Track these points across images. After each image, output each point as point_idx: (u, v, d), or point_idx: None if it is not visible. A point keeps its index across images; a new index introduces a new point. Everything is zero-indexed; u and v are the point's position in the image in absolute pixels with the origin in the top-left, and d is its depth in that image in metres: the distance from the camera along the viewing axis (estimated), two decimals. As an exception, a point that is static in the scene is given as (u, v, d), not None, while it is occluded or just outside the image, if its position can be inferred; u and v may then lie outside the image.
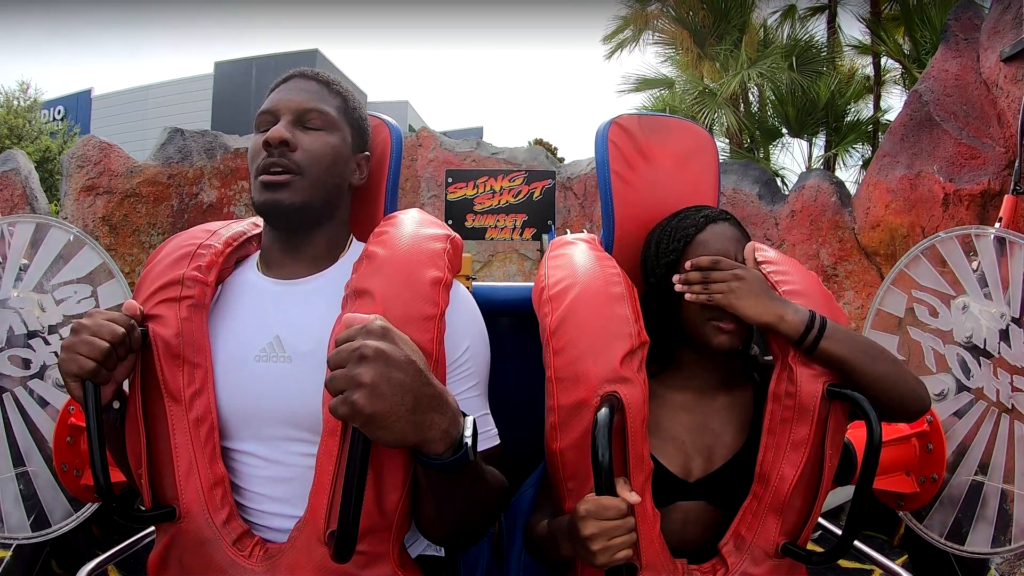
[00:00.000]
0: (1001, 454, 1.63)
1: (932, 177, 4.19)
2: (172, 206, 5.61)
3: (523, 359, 1.22)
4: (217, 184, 5.75)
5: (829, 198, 5.07)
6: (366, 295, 0.89)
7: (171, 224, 5.54)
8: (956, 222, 4.14)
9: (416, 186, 6.45)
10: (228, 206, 5.84)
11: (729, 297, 0.98)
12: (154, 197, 5.51)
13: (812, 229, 5.14)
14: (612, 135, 1.20)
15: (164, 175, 5.52)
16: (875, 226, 4.69)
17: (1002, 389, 1.64)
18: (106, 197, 5.38)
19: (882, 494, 1.64)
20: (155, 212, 5.54)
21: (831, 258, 5.06)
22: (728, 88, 7.62)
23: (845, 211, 4.96)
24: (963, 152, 4.01)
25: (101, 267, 1.74)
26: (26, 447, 1.63)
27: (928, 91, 4.18)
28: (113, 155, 5.42)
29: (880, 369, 0.96)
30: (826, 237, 5.06)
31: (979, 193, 3.98)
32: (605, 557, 0.81)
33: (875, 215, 4.68)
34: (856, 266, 4.97)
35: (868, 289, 4.97)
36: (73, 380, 0.81)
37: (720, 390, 1.08)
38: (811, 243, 5.15)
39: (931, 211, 4.28)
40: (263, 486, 0.92)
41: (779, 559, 0.98)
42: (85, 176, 5.36)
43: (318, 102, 0.99)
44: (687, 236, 1.04)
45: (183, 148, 5.66)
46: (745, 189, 5.62)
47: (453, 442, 0.75)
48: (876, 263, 4.90)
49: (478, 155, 6.45)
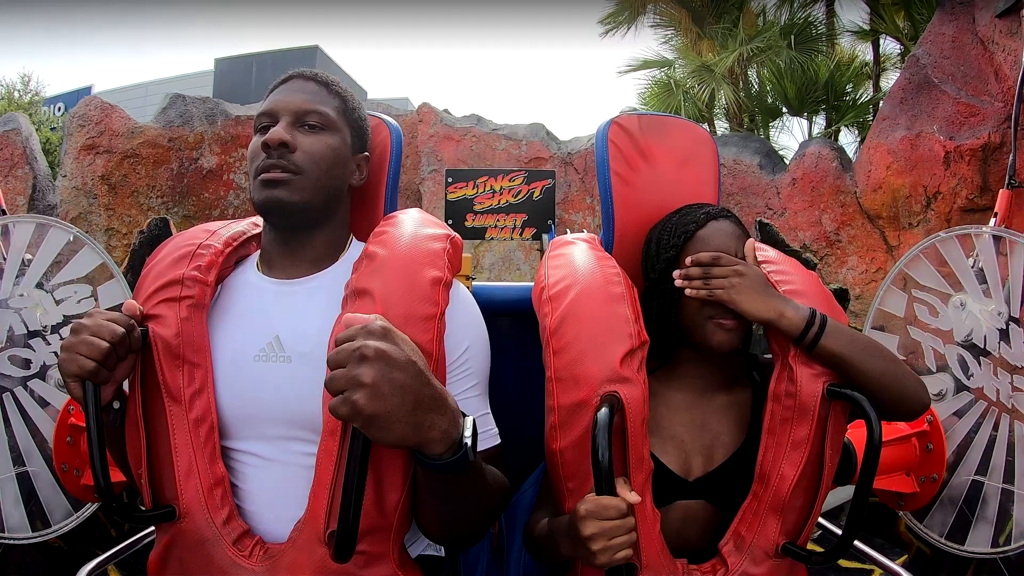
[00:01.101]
0: (1001, 454, 1.63)
1: (932, 137, 4.21)
2: (172, 169, 5.63)
3: (523, 359, 1.22)
4: (217, 151, 5.77)
5: (830, 164, 5.08)
6: (366, 295, 0.89)
7: (170, 188, 5.56)
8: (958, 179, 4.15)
9: (417, 162, 6.47)
10: (228, 173, 5.86)
11: (730, 292, 0.98)
12: (154, 159, 5.53)
13: (814, 196, 5.14)
14: (612, 135, 1.20)
15: (164, 138, 5.55)
16: (877, 188, 4.70)
17: (1002, 389, 1.64)
18: (106, 156, 5.41)
19: (882, 494, 1.64)
20: (154, 175, 5.56)
21: (833, 223, 5.07)
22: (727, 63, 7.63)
23: (846, 176, 4.97)
24: (962, 111, 4.04)
25: (101, 267, 1.74)
26: (26, 447, 1.63)
27: (926, 54, 4.21)
28: (114, 115, 5.45)
29: (880, 367, 0.96)
30: (828, 203, 5.07)
31: (980, 147, 4.00)
32: (605, 557, 0.81)
33: (876, 177, 4.69)
34: (859, 230, 4.97)
35: (871, 253, 4.97)
36: (73, 380, 0.81)
37: (720, 389, 1.08)
38: (813, 210, 5.16)
39: (932, 170, 4.30)
40: (263, 486, 0.92)
41: (779, 559, 0.98)
42: (86, 135, 5.38)
43: (317, 103, 0.99)
44: (687, 232, 1.05)
45: (184, 113, 5.68)
46: (746, 160, 5.64)
47: (453, 442, 0.75)
48: (879, 226, 4.90)
49: (479, 131, 6.45)
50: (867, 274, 5.02)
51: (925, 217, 4.58)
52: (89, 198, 5.42)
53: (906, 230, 4.76)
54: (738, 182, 5.77)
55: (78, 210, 5.40)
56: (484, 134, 6.51)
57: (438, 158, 6.46)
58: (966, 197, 4.24)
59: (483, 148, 6.45)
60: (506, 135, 6.47)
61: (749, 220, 5.17)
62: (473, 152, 6.45)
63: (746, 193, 5.66)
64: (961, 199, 4.27)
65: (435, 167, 6.45)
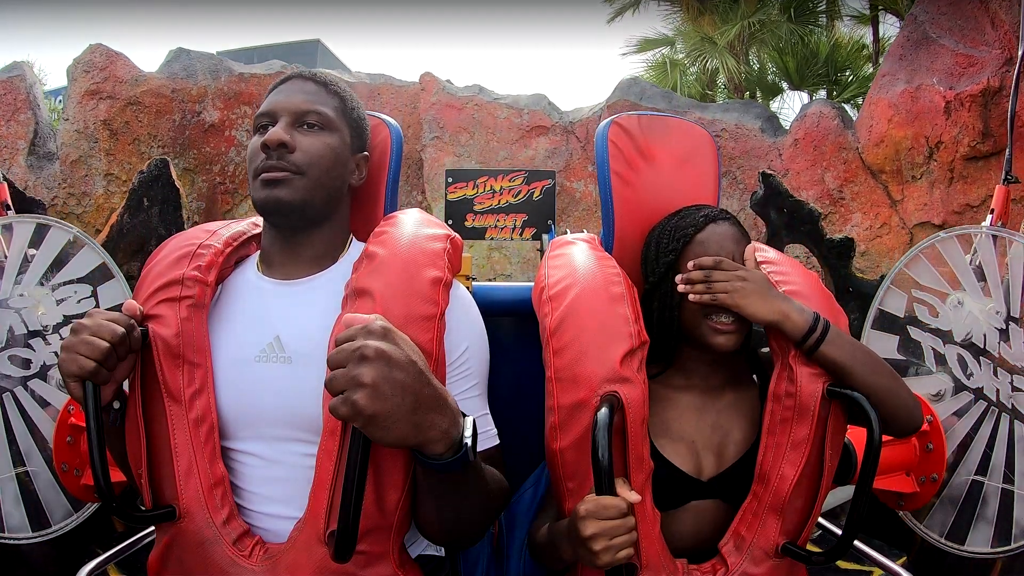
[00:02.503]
0: (1001, 454, 1.63)
1: (932, 88, 4.24)
2: (174, 120, 5.67)
3: (523, 359, 1.22)
4: (220, 106, 5.82)
5: (831, 122, 5.11)
6: (366, 295, 0.89)
7: (171, 139, 5.59)
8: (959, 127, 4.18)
9: (418, 131, 6.50)
10: (230, 129, 5.91)
11: (734, 296, 0.98)
12: (156, 109, 5.57)
13: (816, 155, 5.17)
14: (612, 135, 1.20)
15: (168, 88, 5.59)
16: (879, 142, 4.73)
17: (1002, 389, 1.64)
18: (109, 102, 5.44)
19: (882, 494, 1.64)
20: (156, 124, 5.59)
21: (836, 181, 5.08)
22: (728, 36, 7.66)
23: (848, 132, 4.99)
24: (960, 62, 4.08)
25: (101, 267, 1.74)
26: (26, 447, 1.63)
27: (923, 11, 4.26)
28: (119, 63, 5.49)
29: (875, 381, 0.96)
30: (830, 160, 5.09)
31: (979, 92, 4.04)
32: (607, 557, 0.81)
33: (878, 131, 4.71)
34: (862, 186, 5.00)
35: (876, 209, 4.99)
36: (73, 380, 0.81)
37: (725, 388, 1.08)
38: (815, 169, 5.17)
39: (933, 120, 4.33)
40: (263, 486, 0.92)
41: (779, 559, 0.98)
42: (90, 80, 5.42)
43: (316, 103, 0.99)
44: (687, 236, 1.04)
45: (188, 67, 5.72)
46: (747, 124, 5.67)
47: (453, 443, 0.75)
48: (882, 181, 4.93)
49: (480, 100, 6.48)
50: (872, 230, 5.03)
51: (928, 168, 4.60)
52: (90, 142, 5.44)
53: (909, 183, 4.78)
54: (740, 146, 5.79)
55: (78, 153, 5.41)
56: (486, 102, 6.55)
57: (440, 125, 6.49)
58: (968, 145, 4.27)
59: (484, 116, 6.47)
60: (508, 104, 6.50)
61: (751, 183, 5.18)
62: (475, 120, 6.47)
63: (748, 156, 5.69)
64: (963, 147, 4.29)
65: (436, 134, 6.48)
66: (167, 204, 4.74)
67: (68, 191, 5.37)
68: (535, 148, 6.45)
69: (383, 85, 6.64)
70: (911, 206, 4.84)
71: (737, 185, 5.89)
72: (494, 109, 6.53)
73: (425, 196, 6.68)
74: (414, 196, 6.82)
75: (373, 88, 6.63)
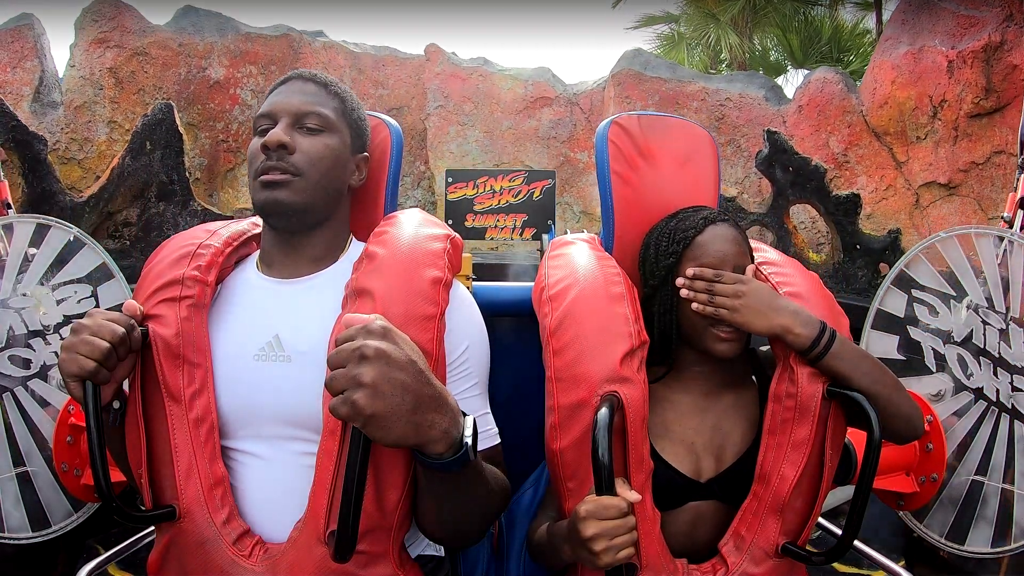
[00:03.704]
0: (1001, 454, 1.63)
1: (935, 49, 4.29)
2: (179, 74, 5.73)
3: (523, 359, 1.22)
4: (226, 63, 5.88)
5: (835, 87, 5.15)
6: (366, 295, 0.89)
7: (176, 92, 5.64)
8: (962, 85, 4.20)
9: (423, 102, 6.52)
10: (234, 87, 5.97)
11: (733, 315, 0.98)
12: (163, 61, 5.63)
13: (820, 120, 5.20)
14: (612, 135, 1.20)
15: (175, 42, 5.66)
16: (883, 104, 4.76)
17: (1002, 389, 1.64)
18: (116, 51, 5.50)
19: (882, 494, 1.64)
20: (162, 76, 5.66)
21: (841, 144, 5.11)
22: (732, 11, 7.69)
23: (852, 96, 5.03)
24: (962, 23, 4.14)
25: (101, 267, 1.74)
26: (26, 447, 1.63)
27: None
28: (128, 13, 5.57)
29: (878, 391, 0.96)
30: (835, 125, 5.12)
31: (981, 48, 4.09)
32: (608, 557, 0.81)
33: (882, 93, 4.75)
34: (867, 149, 5.03)
35: (880, 171, 5.02)
36: (73, 380, 0.82)
37: (725, 389, 1.08)
38: (820, 134, 5.20)
39: (936, 79, 4.39)
40: (263, 486, 0.92)
41: (779, 559, 0.99)
42: (98, 29, 5.49)
43: (316, 104, 0.99)
44: (686, 238, 1.04)
45: (196, 23, 5.80)
46: (751, 93, 5.71)
47: (453, 442, 0.75)
48: (886, 143, 4.97)
49: (485, 71, 6.54)
50: (877, 192, 5.06)
51: (932, 128, 4.62)
52: (95, 88, 5.48)
53: (914, 144, 4.80)
54: (744, 114, 5.82)
55: (83, 99, 5.44)
56: (490, 73, 6.61)
57: (444, 95, 6.53)
58: (971, 102, 4.30)
59: (489, 86, 6.54)
60: (512, 75, 6.57)
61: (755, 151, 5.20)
62: (479, 91, 6.52)
63: (752, 124, 5.72)
64: (967, 104, 4.32)
65: (441, 103, 6.53)
66: (169, 149, 4.71)
67: (71, 136, 5.37)
68: (539, 119, 6.49)
69: (388, 56, 6.67)
70: (916, 167, 4.85)
71: (741, 153, 5.90)
72: (498, 80, 6.57)
73: (428, 166, 6.71)
74: (417, 166, 6.84)
75: (378, 60, 6.65)
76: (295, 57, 6.31)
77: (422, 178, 6.89)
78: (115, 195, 4.59)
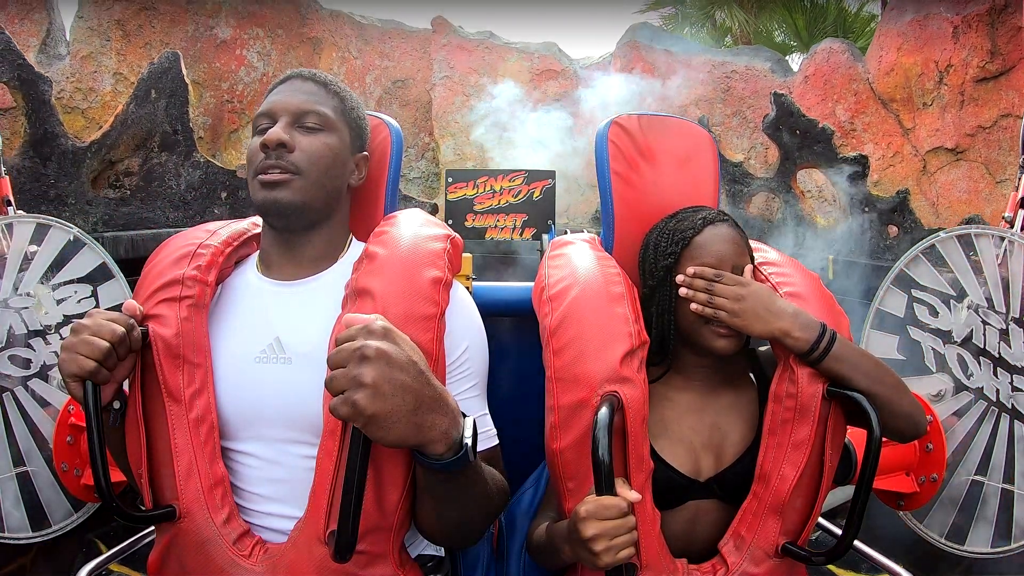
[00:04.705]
0: (1001, 454, 1.63)
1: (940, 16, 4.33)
2: (187, 31, 5.75)
3: (523, 359, 1.22)
4: (233, 23, 5.92)
5: (841, 56, 5.15)
6: (366, 295, 0.89)
7: (183, 49, 5.59)
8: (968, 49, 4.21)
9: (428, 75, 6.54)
10: (241, 48, 5.99)
11: (732, 318, 0.98)
12: (171, 17, 5.65)
13: (826, 89, 5.20)
14: (612, 135, 1.20)
15: None
16: (889, 71, 4.78)
17: (1002, 389, 1.64)
18: (124, 3, 5.52)
19: (882, 494, 1.64)
20: (169, 32, 5.68)
21: (847, 112, 5.12)
22: None
23: (858, 64, 5.04)
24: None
25: (101, 267, 1.74)
26: (26, 447, 1.63)
27: None
28: None
29: (878, 390, 0.96)
30: (841, 93, 5.13)
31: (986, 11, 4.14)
32: (608, 558, 0.81)
33: (888, 60, 4.76)
34: (873, 117, 5.04)
35: (887, 138, 5.01)
36: (73, 380, 0.82)
37: (724, 388, 1.08)
38: (826, 103, 5.20)
39: (942, 45, 4.41)
40: (263, 486, 0.92)
41: (779, 559, 0.99)
42: None
43: (316, 103, 0.99)
44: (685, 239, 1.04)
45: None
46: (757, 65, 5.72)
47: (453, 443, 0.75)
48: (893, 110, 4.97)
49: (491, 43, 6.58)
50: (884, 159, 5.06)
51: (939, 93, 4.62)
52: (102, 39, 5.46)
53: (921, 111, 4.80)
54: (750, 86, 5.83)
55: (89, 49, 5.41)
56: (497, 46, 6.68)
57: (450, 66, 6.57)
58: (977, 66, 4.31)
59: (495, 59, 6.59)
60: (518, 49, 6.62)
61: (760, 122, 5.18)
62: (485, 63, 6.57)
63: (758, 96, 5.73)
64: (973, 68, 4.33)
65: (446, 74, 6.58)
66: (174, 98, 4.65)
67: (75, 85, 5.32)
68: (544, 90, 6.51)
69: (394, 30, 6.69)
70: (923, 132, 4.85)
71: (747, 124, 5.90)
72: (504, 53, 6.61)
73: (432, 137, 6.71)
74: (421, 138, 6.84)
75: (384, 32, 6.67)
76: (302, 22, 6.32)
77: (427, 149, 6.89)
78: (118, 143, 4.52)
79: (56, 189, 4.23)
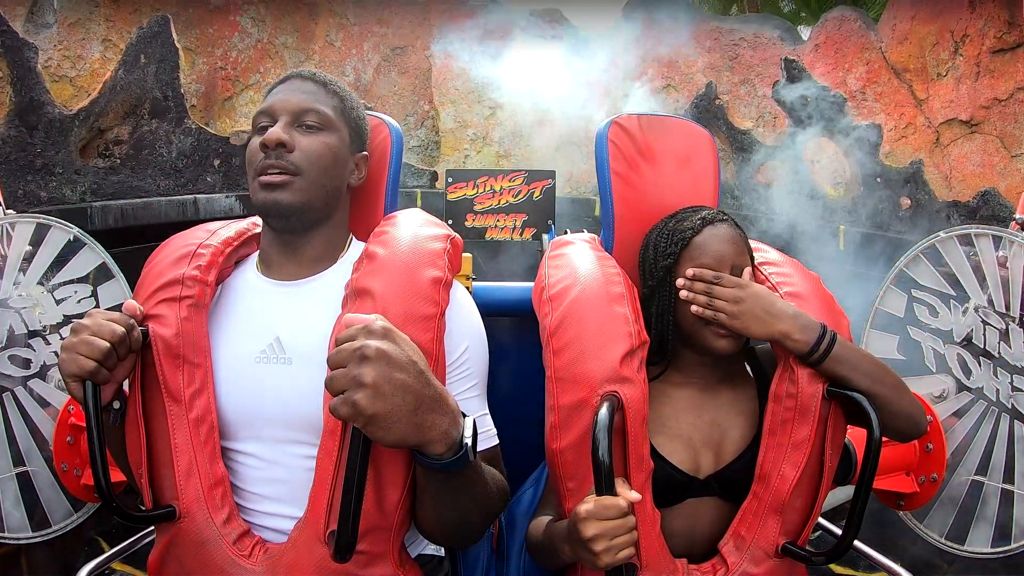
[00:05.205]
0: (1001, 454, 1.63)
1: None
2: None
3: (523, 359, 1.22)
4: None
5: (853, 24, 5.01)
6: (366, 295, 0.89)
7: (174, 14, 5.47)
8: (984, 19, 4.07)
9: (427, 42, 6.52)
10: (235, 14, 5.85)
11: (732, 321, 0.98)
12: None
13: (837, 57, 5.05)
14: (612, 135, 1.20)
15: None
16: (903, 40, 4.61)
17: (1002, 389, 1.64)
18: None
19: (882, 494, 1.64)
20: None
21: (859, 82, 4.95)
22: None
23: (870, 33, 4.86)
24: None
25: (101, 267, 1.74)
26: (26, 447, 1.63)
27: None
28: None
29: (878, 391, 0.96)
30: (852, 62, 4.98)
31: None
32: (608, 557, 0.81)
33: (902, 29, 4.60)
34: (886, 87, 4.90)
35: (900, 109, 4.86)
36: (73, 380, 0.82)
37: (723, 386, 1.08)
38: (837, 72, 5.07)
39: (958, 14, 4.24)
40: (263, 486, 0.92)
41: (779, 559, 0.99)
42: None
43: (315, 103, 0.99)
44: (684, 239, 1.04)
45: None
46: (766, 33, 5.62)
47: (453, 443, 0.75)
48: (906, 80, 4.79)
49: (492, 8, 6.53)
50: (896, 131, 4.93)
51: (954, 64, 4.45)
52: (90, 5, 5.27)
53: (935, 81, 4.63)
54: (758, 54, 5.73)
55: (77, 15, 5.23)
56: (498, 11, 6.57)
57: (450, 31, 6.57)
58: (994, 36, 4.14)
59: (495, 27, 6.50)
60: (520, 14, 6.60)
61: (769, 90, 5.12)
62: (486, 30, 6.48)
63: (767, 64, 5.62)
64: (990, 39, 4.16)
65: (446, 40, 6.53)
66: (164, 64, 4.53)
67: (63, 53, 5.13)
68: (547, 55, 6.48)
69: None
70: (937, 104, 4.69)
71: (755, 92, 5.78)
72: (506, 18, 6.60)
73: (432, 104, 6.66)
74: (420, 106, 6.79)
75: None
76: (298, -13, 6.15)
77: (426, 118, 6.84)
78: (106, 110, 4.39)
79: (43, 159, 4.13)
